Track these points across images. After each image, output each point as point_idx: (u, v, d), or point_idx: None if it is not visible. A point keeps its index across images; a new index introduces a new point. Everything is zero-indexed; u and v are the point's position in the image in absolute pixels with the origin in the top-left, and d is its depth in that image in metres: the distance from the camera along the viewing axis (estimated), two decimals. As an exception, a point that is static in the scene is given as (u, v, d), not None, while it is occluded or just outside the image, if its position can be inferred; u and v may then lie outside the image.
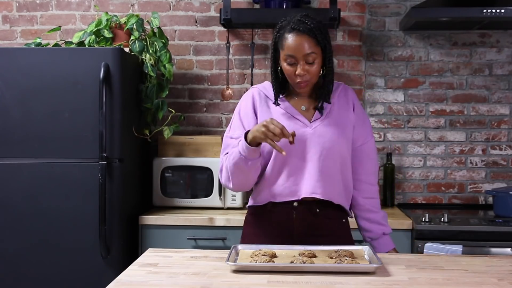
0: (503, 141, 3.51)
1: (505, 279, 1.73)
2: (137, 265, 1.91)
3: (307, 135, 2.06)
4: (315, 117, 2.10)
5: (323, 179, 2.05)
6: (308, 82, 2.05)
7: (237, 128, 2.12)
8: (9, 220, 2.88)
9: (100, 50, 2.95)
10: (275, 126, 1.87)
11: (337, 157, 2.08)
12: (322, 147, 2.05)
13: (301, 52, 2.00)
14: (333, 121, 2.09)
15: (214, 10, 3.56)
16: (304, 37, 2.00)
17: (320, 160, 2.05)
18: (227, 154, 2.07)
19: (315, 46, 2.01)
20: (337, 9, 3.23)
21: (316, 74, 2.04)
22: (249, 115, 2.12)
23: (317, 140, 2.06)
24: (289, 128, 1.95)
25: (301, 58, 2.00)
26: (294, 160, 2.06)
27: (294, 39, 2.00)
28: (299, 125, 2.08)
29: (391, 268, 1.84)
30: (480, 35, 3.50)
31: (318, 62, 2.03)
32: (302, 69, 2.01)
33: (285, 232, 2.10)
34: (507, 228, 2.86)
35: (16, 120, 2.88)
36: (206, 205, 3.20)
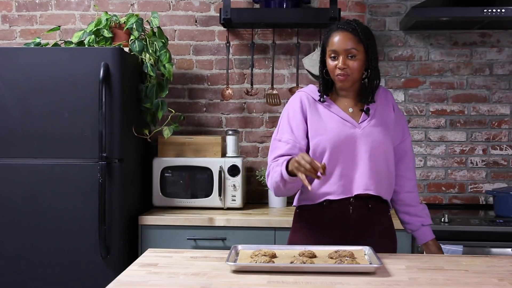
0: (503, 141, 3.50)
1: (505, 279, 1.72)
2: (137, 265, 1.90)
3: (356, 136, 2.16)
4: (362, 118, 2.19)
5: (373, 176, 2.16)
6: (347, 76, 2.14)
7: (286, 131, 2.20)
8: (9, 220, 2.87)
9: (100, 50, 2.95)
10: (305, 162, 1.95)
11: (383, 155, 2.19)
12: (371, 146, 2.15)
13: (342, 46, 2.12)
14: (379, 122, 2.20)
15: (214, 10, 3.56)
16: (347, 34, 2.14)
17: (370, 158, 2.15)
18: (273, 164, 2.16)
19: (357, 43, 2.13)
20: (337, 9, 3.23)
21: (356, 70, 2.14)
22: (297, 118, 2.20)
23: (365, 140, 2.16)
24: (339, 130, 2.14)
25: (342, 53, 2.13)
26: (346, 160, 2.16)
27: (338, 35, 2.15)
28: (348, 126, 2.17)
29: (391, 268, 1.83)
30: (481, 35, 3.49)
31: (360, 59, 2.14)
32: (343, 62, 2.12)
33: (340, 225, 2.17)
34: (508, 228, 2.85)
35: (16, 120, 2.88)
36: (206, 205, 3.20)
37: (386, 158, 2.21)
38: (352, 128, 2.17)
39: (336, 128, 2.16)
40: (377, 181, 2.17)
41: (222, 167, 3.18)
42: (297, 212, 2.28)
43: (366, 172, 2.15)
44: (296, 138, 2.18)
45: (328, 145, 2.15)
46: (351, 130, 2.16)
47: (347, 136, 2.15)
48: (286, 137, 2.19)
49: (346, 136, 2.15)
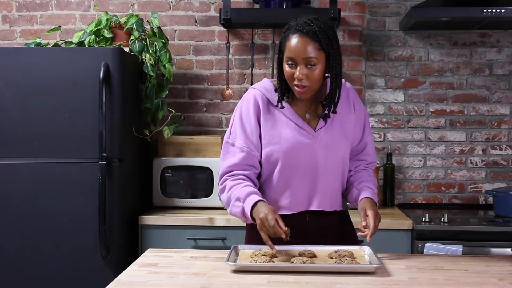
0: (503, 141, 3.51)
1: (505, 279, 1.72)
2: (137, 265, 1.91)
3: (313, 146, 2.04)
4: (320, 125, 2.06)
5: (329, 191, 2.09)
6: (307, 88, 1.96)
7: (239, 134, 2.07)
8: (9, 220, 2.88)
9: (100, 50, 2.95)
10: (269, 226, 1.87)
11: (340, 162, 2.10)
12: (327, 156, 2.05)
13: (301, 54, 1.93)
14: (337, 127, 2.07)
15: (214, 10, 3.56)
16: (307, 40, 1.93)
17: (325, 171, 2.06)
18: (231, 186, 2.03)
19: (317, 50, 1.93)
20: (337, 9, 3.23)
21: (316, 80, 1.96)
22: (251, 122, 2.06)
23: (322, 150, 2.04)
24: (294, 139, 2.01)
25: (301, 62, 1.93)
26: (301, 171, 2.05)
27: (297, 40, 1.94)
28: (304, 135, 2.04)
29: (391, 268, 1.83)
30: (480, 35, 3.50)
31: (320, 68, 1.95)
32: (301, 72, 1.93)
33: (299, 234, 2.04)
34: (507, 228, 2.85)
35: (16, 120, 2.88)
36: (206, 205, 3.20)
37: (343, 164, 2.11)
38: (308, 138, 2.03)
39: (291, 137, 2.02)
40: (332, 196, 2.10)
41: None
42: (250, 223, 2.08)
43: (322, 187, 2.06)
44: (251, 144, 2.05)
45: (281, 155, 2.02)
46: (307, 140, 2.03)
47: (302, 146, 2.02)
48: (240, 142, 2.05)
49: (302, 146, 2.02)
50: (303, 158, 2.03)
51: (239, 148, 2.05)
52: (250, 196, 1.97)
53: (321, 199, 2.07)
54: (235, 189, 2.01)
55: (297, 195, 2.07)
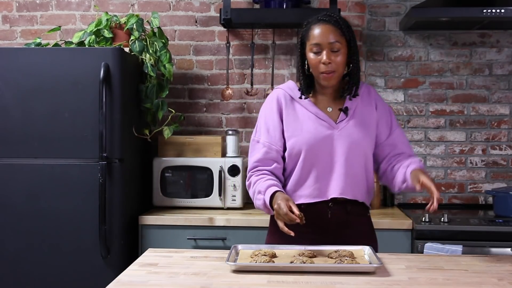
0: (503, 141, 3.51)
1: (505, 279, 1.73)
2: (137, 265, 1.91)
3: (334, 137, 2.10)
4: (341, 118, 2.13)
5: (350, 180, 2.11)
6: (333, 73, 2.06)
7: (263, 131, 2.17)
8: (9, 220, 2.88)
9: (100, 50, 2.95)
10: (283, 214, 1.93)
11: (361, 157, 2.13)
12: (348, 148, 2.10)
13: (326, 39, 2.04)
14: (358, 121, 2.13)
15: (214, 10, 3.56)
16: (330, 27, 2.06)
17: (347, 160, 2.10)
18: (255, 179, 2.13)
19: (340, 36, 2.06)
20: (337, 9, 3.24)
21: (341, 64, 2.06)
22: (274, 118, 2.16)
23: (343, 141, 2.10)
24: (316, 130, 2.09)
25: (326, 46, 2.04)
26: (322, 162, 2.11)
27: (320, 27, 2.07)
28: (325, 126, 2.11)
29: (391, 268, 1.84)
30: (480, 35, 3.50)
31: (343, 52, 2.06)
32: (327, 57, 2.04)
33: (318, 229, 2.12)
34: (507, 228, 2.85)
35: (16, 120, 2.88)
36: (206, 205, 3.20)
37: (365, 159, 2.14)
38: (329, 129, 2.11)
39: (313, 128, 2.11)
40: (354, 184, 2.12)
41: (222, 167, 3.18)
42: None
43: (342, 175, 2.10)
44: (273, 139, 2.14)
45: (304, 146, 2.10)
46: (328, 131, 2.11)
47: (324, 137, 2.10)
48: (263, 138, 2.16)
49: (323, 137, 2.10)
50: (324, 148, 2.10)
51: (262, 144, 2.16)
52: (269, 188, 2.05)
53: (343, 187, 2.11)
54: (258, 183, 2.10)
55: (318, 183, 2.11)
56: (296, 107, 2.16)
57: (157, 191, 3.22)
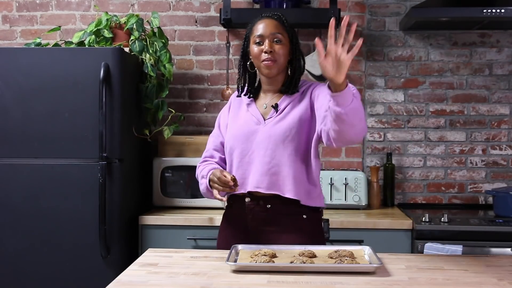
0: (503, 141, 3.51)
1: (505, 279, 1.73)
2: (137, 265, 1.91)
3: (257, 132, 2.14)
4: (270, 114, 2.17)
5: (268, 174, 2.10)
6: (274, 62, 2.11)
7: (216, 126, 2.32)
8: (9, 220, 2.88)
9: (100, 50, 2.95)
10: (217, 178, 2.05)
11: (286, 152, 2.09)
12: (269, 142, 2.11)
13: (269, 30, 2.12)
14: (287, 116, 2.13)
15: (214, 10, 3.56)
16: (272, 21, 2.15)
17: (265, 155, 2.11)
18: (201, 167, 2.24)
19: (282, 30, 2.14)
20: (337, 9, 3.24)
21: (282, 55, 2.12)
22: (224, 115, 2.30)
23: (265, 136, 2.12)
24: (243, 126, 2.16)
25: (268, 37, 2.12)
26: (244, 156, 2.16)
27: (263, 21, 2.16)
28: (253, 122, 2.17)
29: (391, 268, 1.84)
30: (480, 35, 3.50)
31: (285, 45, 2.13)
32: (269, 46, 2.10)
33: (240, 226, 2.18)
34: (507, 228, 2.85)
35: (16, 120, 2.88)
36: (206, 205, 3.20)
37: (292, 155, 2.09)
38: (256, 125, 2.16)
39: (241, 125, 2.18)
40: (274, 179, 2.10)
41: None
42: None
43: (259, 169, 2.11)
44: (219, 132, 2.28)
45: (230, 142, 2.19)
46: (254, 127, 2.15)
47: (247, 132, 2.15)
48: (214, 132, 2.31)
49: (247, 132, 2.15)
50: (246, 143, 2.16)
51: (212, 136, 2.31)
52: (210, 171, 2.15)
53: (258, 181, 2.11)
54: (202, 170, 2.22)
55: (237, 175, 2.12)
56: (241, 106, 2.25)
57: (157, 191, 3.22)
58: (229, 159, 2.20)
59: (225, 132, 2.25)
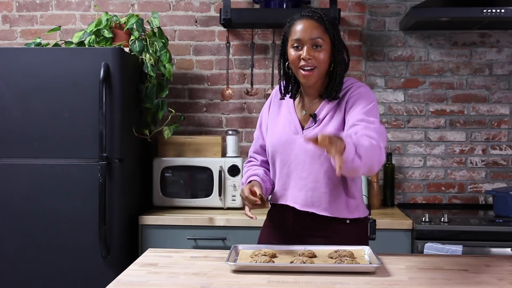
0: (503, 141, 3.51)
1: (505, 279, 1.73)
2: (137, 265, 1.91)
3: (295, 143, 2.04)
4: (308, 124, 2.05)
5: (304, 189, 2.04)
6: (313, 71, 1.96)
7: (257, 126, 2.23)
8: (9, 220, 2.88)
9: (100, 50, 2.95)
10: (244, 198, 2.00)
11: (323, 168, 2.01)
12: (306, 156, 2.02)
13: (308, 35, 1.95)
14: (324, 129, 2.00)
15: (214, 10, 3.56)
16: (313, 22, 1.97)
17: (303, 170, 2.04)
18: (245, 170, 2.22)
19: (323, 33, 1.96)
20: (337, 9, 3.24)
21: (323, 62, 1.97)
22: (264, 114, 2.20)
23: (302, 149, 2.02)
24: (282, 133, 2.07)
25: (308, 42, 1.95)
26: (283, 166, 2.09)
27: (303, 23, 1.97)
28: (292, 131, 2.07)
29: (391, 268, 1.83)
30: (480, 35, 3.50)
31: (326, 50, 1.97)
32: (308, 53, 1.95)
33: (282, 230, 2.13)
34: (507, 228, 2.85)
35: (16, 120, 2.88)
36: (206, 205, 3.20)
37: (329, 171, 2.00)
38: (294, 134, 2.05)
39: (280, 131, 2.08)
40: (309, 195, 2.03)
41: (222, 167, 3.18)
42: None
43: (297, 184, 2.05)
44: (260, 134, 2.21)
45: (270, 148, 2.11)
46: (292, 137, 2.05)
47: (285, 142, 2.06)
48: (256, 132, 2.23)
49: (285, 142, 2.06)
50: (284, 153, 2.07)
51: (255, 137, 2.23)
52: (249, 178, 2.12)
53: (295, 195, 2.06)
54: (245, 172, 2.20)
55: (279, 187, 2.11)
56: (282, 107, 2.14)
57: (157, 191, 3.22)
58: (272, 166, 2.14)
59: (266, 134, 2.17)
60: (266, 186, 2.13)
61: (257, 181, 2.10)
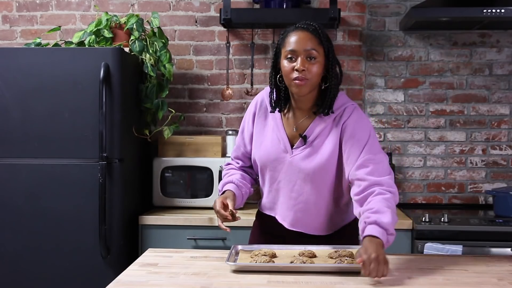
0: (503, 141, 3.51)
1: (505, 279, 1.73)
2: (137, 265, 1.91)
3: (285, 162, 2.03)
4: (298, 144, 2.02)
5: (293, 210, 2.06)
6: (306, 81, 1.92)
7: (240, 131, 2.20)
8: (9, 220, 2.88)
9: (100, 50, 2.95)
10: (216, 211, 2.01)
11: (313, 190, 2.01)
12: (295, 177, 2.02)
13: (302, 46, 1.92)
14: (314, 152, 1.99)
15: (214, 10, 3.56)
16: (308, 34, 1.94)
17: (292, 189, 2.04)
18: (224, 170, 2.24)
19: (317, 45, 1.94)
20: (337, 9, 3.23)
21: (316, 74, 1.93)
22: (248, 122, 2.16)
23: (292, 169, 2.02)
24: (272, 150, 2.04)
25: (302, 53, 1.92)
26: (272, 181, 2.09)
27: (297, 34, 1.95)
28: (281, 149, 2.04)
29: (391, 268, 1.83)
30: (480, 35, 3.50)
31: (320, 62, 1.94)
32: (301, 64, 1.91)
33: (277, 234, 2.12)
34: (507, 228, 2.86)
35: (16, 120, 2.88)
36: (206, 205, 3.20)
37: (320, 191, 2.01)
38: (283, 152, 2.03)
39: (269, 147, 2.06)
40: (299, 216, 2.05)
41: (222, 167, 3.17)
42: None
43: (285, 202, 2.06)
44: (242, 141, 2.17)
45: (258, 161, 2.10)
46: (281, 155, 2.03)
47: (274, 159, 2.04)
48: (238, 139, 2.20)
49: (274, 159, 2.04)
50: (274, 169, 2.06)
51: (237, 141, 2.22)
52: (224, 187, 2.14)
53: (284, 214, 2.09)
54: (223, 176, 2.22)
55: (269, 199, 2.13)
56: (268, 119, 2.10)
57: (157, 191, 3.22)
58: (262, 177, 2.14)
59: (249, 143, 2.15)
60: (242, 192, 2.13)
61: (231, 190, 2.09)
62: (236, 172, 2.19)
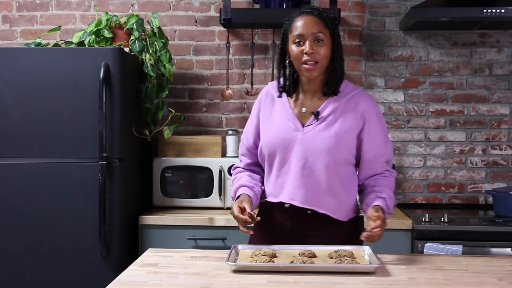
0: (503, 141, 3.51)
1: (505, 279, 1.73)
2: (137, 265, 1.91)
3: (295, 140, 2.03)
4: (310, 121, 2.05)
5: (305, 188, 2.03)
6: (316, 65, 1.98)
7: (245, 130, 2.23)
8: (9, 220, 2.88)
9: (100, 50, 2.95)
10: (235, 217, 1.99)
11: (324, 165, 2.01)
12: (307, 154, 2.01)
13: (309, 30, 1.98)
14: (328, 127, 2.02)
15: (214, 10, 3.56)
16: (313, 18, 2.00)
17: (303, 167, 2.02)
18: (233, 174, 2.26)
19: (323, 28, 2.00)
20: (337, 9, 3.24)
21: (324, 56, 1.99)
22: (254, 115, 2.18)
23: (303, 146, 2.02)
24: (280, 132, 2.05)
25: (310, 36, 1.98)
26: (281, 164, 2.07)
27: (303, 18, 2.01)
28: (291, 129, 2.05)
29: (391, 268, 1.84)
30: (480, 35, 3.50)
31: (327, 44, 2.00)
32: (310, 47, 1.97)
33: (278, 229, 2.11)
34: (507, 228, 2.86)
35: (16, 120, 2.88)
36: (206, 205, 3.20)
37: (332, 168, 2.01)
38: (294, 131, 2.04)
39: (277, 129, 2.06)
40: (309, 193, 2.03)
41: (222, 167, 3.18)
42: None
43: (295, 181, 2.03)
44: (246, 134, 2.20)
45: (267, 148, 2.08)
46: (292, 134, 2.03)
47: (285, 140, 2.03)
48: (243, 134, 2.23)
49: (285, 140, 2.04)
50: (283, 151, 2.05)
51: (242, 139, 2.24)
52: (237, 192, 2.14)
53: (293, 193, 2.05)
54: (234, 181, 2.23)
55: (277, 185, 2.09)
56: (275, 105, 2.12)
57: (157, 191, 3.22)
58: (269, 166, 2.11)
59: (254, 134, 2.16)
60: (255, 192, 2.12)
61: (245, 194, 2.09)
62: (244, 174, 2.19)
